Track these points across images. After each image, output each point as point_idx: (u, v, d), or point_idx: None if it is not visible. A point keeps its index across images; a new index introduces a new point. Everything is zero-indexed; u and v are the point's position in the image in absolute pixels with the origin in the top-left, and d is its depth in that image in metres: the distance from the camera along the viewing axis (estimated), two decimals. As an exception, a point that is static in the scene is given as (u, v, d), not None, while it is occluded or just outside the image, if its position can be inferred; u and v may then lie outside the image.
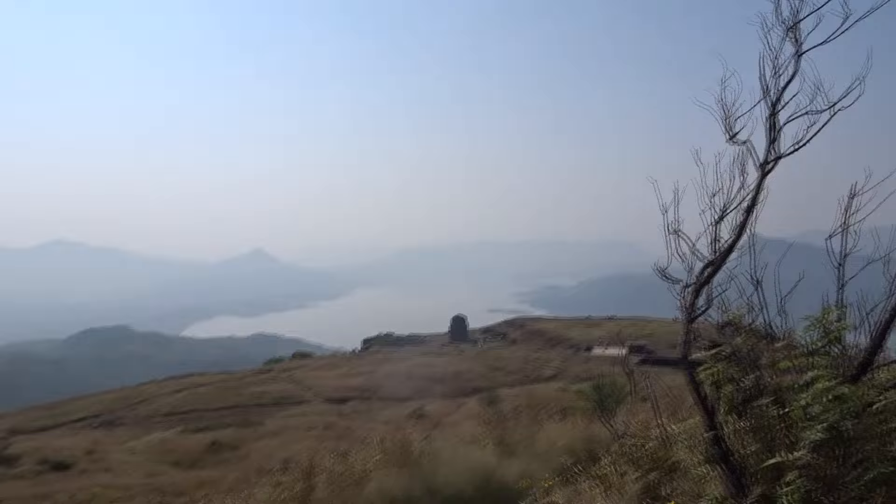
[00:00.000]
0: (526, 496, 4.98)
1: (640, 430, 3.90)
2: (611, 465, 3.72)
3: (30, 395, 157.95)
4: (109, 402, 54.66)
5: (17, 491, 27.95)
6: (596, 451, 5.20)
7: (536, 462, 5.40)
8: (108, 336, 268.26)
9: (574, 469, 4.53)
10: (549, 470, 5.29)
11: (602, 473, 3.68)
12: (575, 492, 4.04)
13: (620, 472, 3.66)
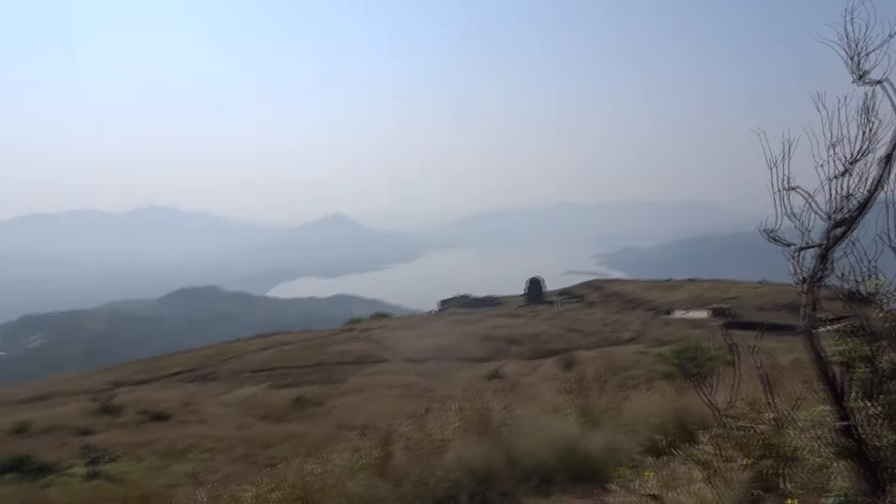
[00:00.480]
0: (612, 471, 4.76)
1: (747, 410, 3.55)
2: (714, 448, 3.41)
3: (129, 350, 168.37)
4: (202, 358, 57.34)
5: (122, 438, 29.81)
6: (688, 426, 4.91)
7: (622, 434, 5.16)
8: (198, 296, 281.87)
9: (667, 447, 4.26)
10: (636, 443, 5.04)
11: (704, 458, 3.37)
12: (670, 475, 3.78)
13: (725, 457, 3.35)
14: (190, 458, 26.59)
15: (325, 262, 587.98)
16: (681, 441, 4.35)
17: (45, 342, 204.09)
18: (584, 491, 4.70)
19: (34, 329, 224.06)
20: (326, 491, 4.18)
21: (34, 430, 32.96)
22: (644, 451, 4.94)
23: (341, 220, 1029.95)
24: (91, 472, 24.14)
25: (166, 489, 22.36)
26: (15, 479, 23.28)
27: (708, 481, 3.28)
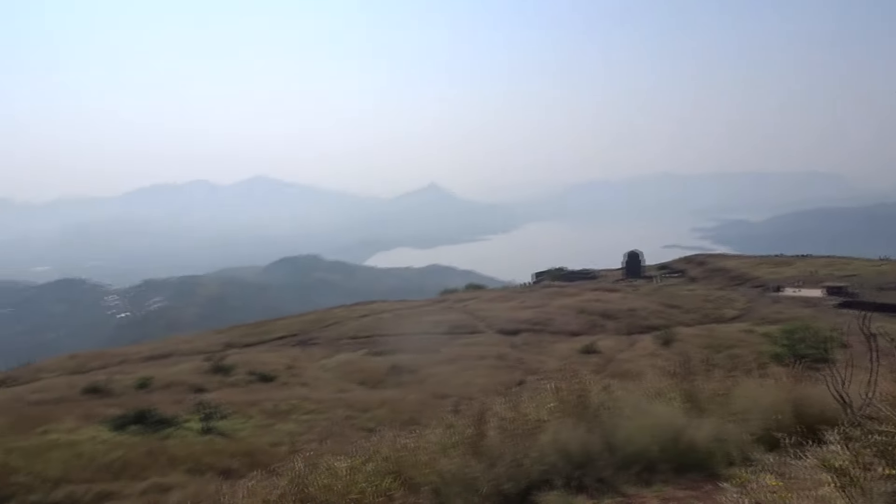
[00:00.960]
0: (720, 463, 4.48)
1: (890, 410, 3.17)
2: (850, 454, 3.06)
3: (238, 314, 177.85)
4: (304, 324, 59.61)
5: (233, 397, 31.51)
6: (808, 420, 4.54)
7: (732, 424, 4.83)
8: (301, 264, 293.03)
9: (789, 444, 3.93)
10: (748, 433, 4.72)
11: (838, 465, 3.03)
12: (793, 476, 3.46)
13: (863, 464, 3.01)
14: (293, 419, 27.74)
15: (421, 233, 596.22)
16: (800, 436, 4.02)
17: (164, 305, 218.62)
18: (690, 483, 4.45)
19: (155, 292, 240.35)
20: (419, 467, 4.16)
21: (155, 385, 35.44)
22: (756, 441, 4.62)
23: (437, 191, 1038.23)
24: (205, 428, 25.65)
25: (271, 447, 23.49)
26: (139, 430, 25.07)
27: (841, 490, 2.94)
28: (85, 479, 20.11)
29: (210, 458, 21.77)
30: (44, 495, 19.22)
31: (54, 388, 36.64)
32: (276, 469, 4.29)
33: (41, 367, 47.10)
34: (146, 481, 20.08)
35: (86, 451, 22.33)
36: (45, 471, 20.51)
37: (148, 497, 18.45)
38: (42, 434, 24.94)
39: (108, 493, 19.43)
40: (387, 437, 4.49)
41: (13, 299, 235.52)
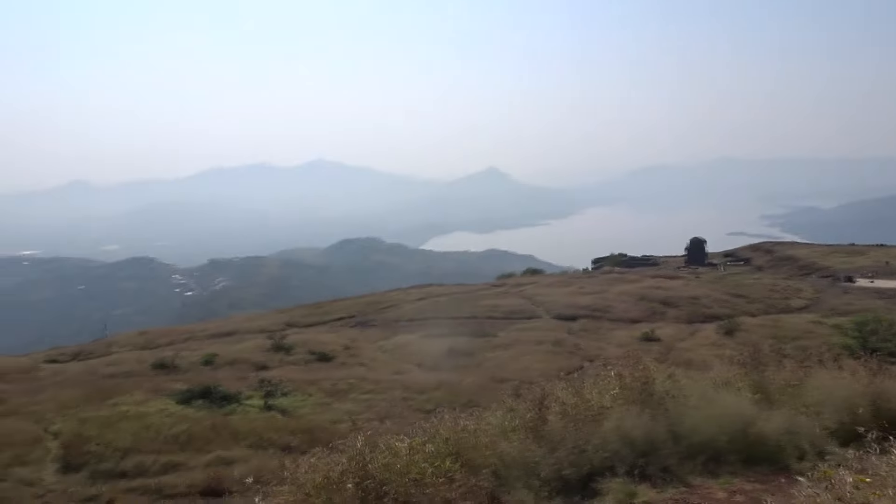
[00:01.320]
0: (789, 456, 4.31)
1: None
2: None
3: (298, 294, 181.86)
4: (362, 305, 60.48)
5: (292, 375, 32.31)
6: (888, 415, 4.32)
7: (804, 416, 4.64)
8: (360, 246, 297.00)
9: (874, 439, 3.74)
10: (821, 427, 4.52)
11: None
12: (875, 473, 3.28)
13: None
14: (351, 398, 28.25)
15: (479, 217, 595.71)
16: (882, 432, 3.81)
17: (228, 284, 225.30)
18: (759, 476, 4.29)
19: (219, 272, 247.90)
20: (479, 449, 4.14)
21: (219, 362, 36.62)
22: (830, 436, 4.42)
23: (496, 175, 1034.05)
24: (266, 405, 26.41)
25: (330, 425, 24.01)
26: (204, 405, 25.98)
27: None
28: (153, 450, 20.97)
29: (271, 434, 22.38)
30: (114, 464, 20.14)
31: (125, 362, 38.30)
32: (336, 446, 4.34)
33: (113, 342, 49.25)
34: (210, 454, 20.80)
35: (153, 423, 23.26)
36: (116, 441, 21.46)
37: (211, 469, 19.12)
38: (113, 406, 26.09)
39: (174, 464, 20.21)
40: (446, 419, 4.48)
41: (86, 277, 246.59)
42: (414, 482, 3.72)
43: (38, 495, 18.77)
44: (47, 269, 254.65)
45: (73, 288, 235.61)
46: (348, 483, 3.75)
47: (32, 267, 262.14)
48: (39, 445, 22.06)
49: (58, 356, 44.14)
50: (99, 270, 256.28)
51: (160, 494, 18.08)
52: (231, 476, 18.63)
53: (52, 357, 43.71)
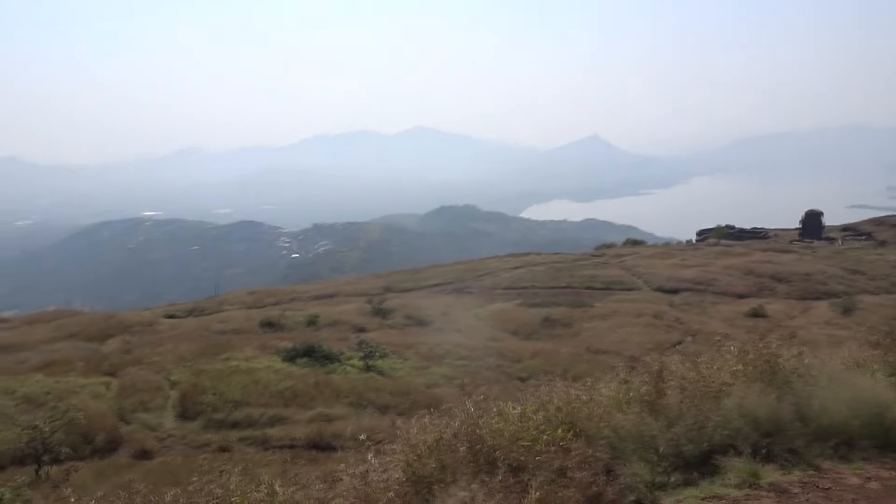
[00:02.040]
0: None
1: None
2: None
3: (397, 259, 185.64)
4: (459, 272, 60.96)
5: (390, 338, 33.14)
6: None
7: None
8: (458, 213, 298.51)
9: None
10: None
11: None
12: None
13: None
14: (447, 363, 28.67)
15: (579, 186, 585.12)
16: None
17: (330, 248, 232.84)
18: (896, 464, 4.00)
19: (322, 236, 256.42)
20: (593, 420, 4.06)
21: (322, 323, 38.06)
22: None
23: (598, 143, 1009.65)
24: (366, 365, 27.23)
25: (427, 388, 24.51)
26: (307, 363, 27.09)
27: None
28: (261, 404, 22.14)
29: (370, 394, 23.12)
30: (226, 415, 21.42)
31: (235, 319, 40.47)
32: (447, 409, 4.37)
33: (224, 301, 52.07)
34: (313, 410, 21.73)
35: (261, 378, 24.52)
36: (227, 393, 22.79)
37: (314, 425, 20.00)
38: (225, 360, 27.65)
39: (280, 418, 21.28)
40: (558, 388, 4.42)
41: (201, 238, 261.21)
42: (525, 449, 3.70)
43: (160, 439, 20.26)
44: (166, 231, 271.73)
45: (188, 248, 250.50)
46: (460, 446, 3.77)
47: (153, 228, 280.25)
48: (160, 393, 23.76)
49: (175, 312, 47.19)
50: (212, 232, 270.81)
51: (267, 445, 19.11)
52: (332, 431, 19.47)
53: (170, 312, 46.78)
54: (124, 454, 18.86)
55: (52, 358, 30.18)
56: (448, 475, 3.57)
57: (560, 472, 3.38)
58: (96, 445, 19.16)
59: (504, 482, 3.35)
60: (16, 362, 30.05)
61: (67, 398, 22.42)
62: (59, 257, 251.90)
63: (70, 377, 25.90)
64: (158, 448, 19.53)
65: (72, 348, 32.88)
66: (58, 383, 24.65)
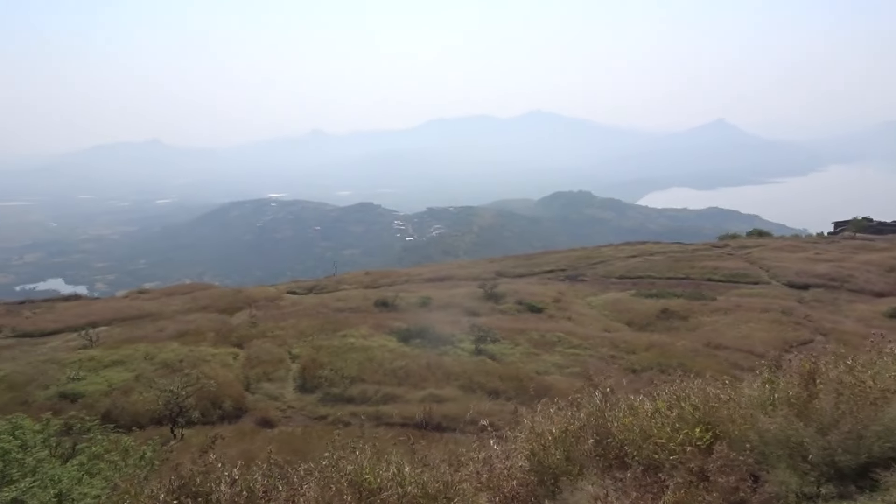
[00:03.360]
0: None
1: None
2: None
3: (509, 244, 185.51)
4: (573, 259, 59.92)
5: (501, 323, 33.13)
6: None
7: None
8: (572, 199, 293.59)
9: None
10: None
11: None
12: None
13: None
14: (558, 351, 28.33)
15: (701, 172, 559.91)
16: None
17: (443, 231, 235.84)
18: None
19: (436, 220, 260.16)
20: (735, 421, 3.80)
21: (434, 305, 38.57)
22: None
23: (725, 128, 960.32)
24: (477, 349, 27.41)
25: (537, 375, 24.33)
26: (419, 344, 27.63)
27: None
28: (375, 381, 22.81)
29: (480, 378, 23.24)
30: (342, 389, 22.22)
31: (352, 298, 41.79)
32: (573, 400, 4.24)
33: (342, 280, 53.89)
34: (424, 391, 22.13)
35: (376, 356, 25.23)
36: (344, 369, 23.63)
37: (425, 405, 20.35)
38: (342, 337, 28.66)
39: (393, 396, 21.82)
40: (694, 385, 4.16)
41: (322, 219, 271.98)
42: (659, 446, 3.51)
43: (281, 409, 21.33)
44: (289, 211, 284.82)
45: (309, 228, 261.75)
46: (588, 438, 3.63)
47: (278, 208, 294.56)
48: (282, 366, 25.00)
49: (296, 288, 49.36)
50: (332, 213, 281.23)
51: (380, 422, 19.66)
52: (442, 412, 19.74)
53: (292, 289, 48.98)
54: (248, 421, 20.00)
55: (186, 328, 32.44)
56: (575, 468, 3.45)
57: (699, 475, 3.17)
58: (224, 411, 20.46)
59: (637, 479, 3.18)
60: (155, 330, 32.53)
61: (199, 366, 24.07)
62: (193, 234, 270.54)
63: (202, 346, 27.78)
64: (280, 418, 20.56)
65: (204, 320, 35.14)
66: (191, 352, 26.50)
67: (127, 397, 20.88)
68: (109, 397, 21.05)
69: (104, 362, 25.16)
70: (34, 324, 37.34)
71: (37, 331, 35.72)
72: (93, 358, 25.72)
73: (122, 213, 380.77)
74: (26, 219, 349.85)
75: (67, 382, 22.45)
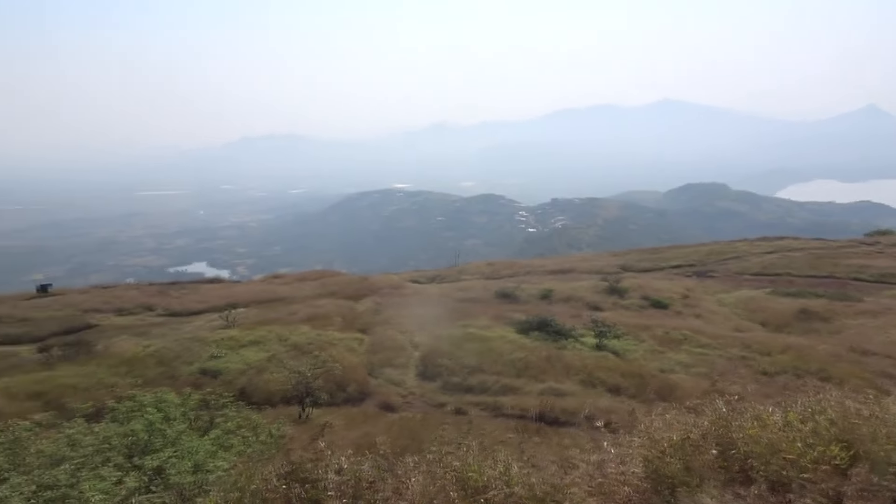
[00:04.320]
0: None
1: None
2: None
3: (634, 238, 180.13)
4: (703, 254, 57.31)
5: (624, 319, 32.26)
6: None
7: None
8: (703, 191, 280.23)
9: None
10: None
11: None
12: None
13: None
14: (684, 350, 27.17)
15: (848, 163, 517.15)
16: None
17: (566, 223, 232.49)
18: None
19: (559, 211, 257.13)
20: (878, 440, 3.45)
21: (555, 297, 38.17)
22: None
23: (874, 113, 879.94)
24: (598, 344, 26.84)
25: (661, 373, 23.47)
26: (539, 336, 27.43)
27: None
28: (494, 372, 22.87)
29: (601, 374, 22.72)
30: (462, 379, 22.47)
31: (472, 289, 42.17)
32: (694, 406, 4.02)
33: (463, 270, 54.52)
34: (543, 384, 21.94)
35: (496, 347, 25.30)
36: (464, 359, 23.89)
37: (544, 398, 20.16)
38: (463, 327, 28.99)
39: (512, 387, 21.79)
40: (831, 397, 3.83)
41: (446, 209, 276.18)
42: (788, 463, 3.25)
43: (402, 395, 21.89)
44: (414, 202, 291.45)
45: (433, 218, 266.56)
46: (709, 448, 3.43)
47: (403, 199, 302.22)
48: (404, 353, 25.66)
49: (419, 278, 50.50)
50: (455, 204, 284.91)
51: (498, 413, 19.71)
52: (560, 406, 19.48)
53: (415, 278, 50.15)
54: (371, 405, 20.68)
55: (316, 312, 34.03)
56: (694, 479, 3.27)
57: (833, 498, 2.91)
58: (349, 394, 21.28)
59: (762, 497, 2.97)
60: (288, 313, 34.36)
61: (327, 349, 25.18)
62: (324, 222, 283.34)
63: (329, 331, 29.03)
64: (400, 403, 21.11)
65: (332, 305, 36.71)
66: (320, 335, 27.77)
67: (261, 376, 22.19)
68: (245, 375, 22.46)
69: (242, 342, 26.91)
70: (181, 304, 40.69)
71: (183, 310, 38.91)
72: (231, 338, 27.60)
73: (259, 202, 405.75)
74: (177, 207, 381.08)
75: (209, 360, 24.19)
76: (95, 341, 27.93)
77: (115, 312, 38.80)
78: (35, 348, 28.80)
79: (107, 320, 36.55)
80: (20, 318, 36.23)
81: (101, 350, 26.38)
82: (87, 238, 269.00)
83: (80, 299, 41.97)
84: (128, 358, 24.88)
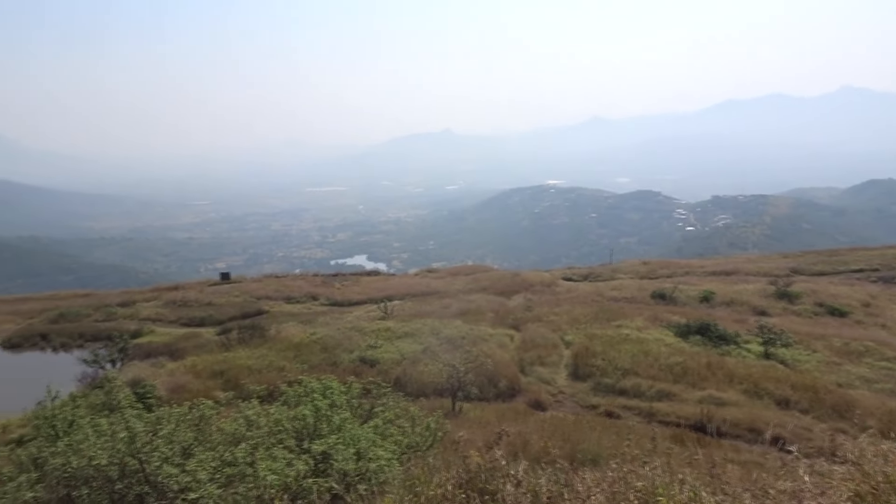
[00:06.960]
0: None
1: None
2: None
3: (807, 238, 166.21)
4: (890, 258, 51.64)
5: (795, 326, 29.90)
6: None
7: None
8: (890, 188, 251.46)
9: None
10: None
11: None
12: None
13: None
14: (866, 363, 24.74)
15: None
16: None
17: (729, 222, 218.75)
18: None
19: (721, 209, 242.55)
20: None
21: (717, 301, 36.13)
22: None
23: None
24: (765, 352, 25.09)
25: (838, 387, 21.48)
26: (699, 341, 26.13)
27: None
28: (649, 376, 22.05)
29: (768, 384, 21.23)
30: (615, 381, 21.89)
31: (627, 288, 40.88)
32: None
33: (617, 269, 52.98)
34: (703, 391, 20.84)
35: (651, 350, 24.39)
36: (617, 360, 23.26)
37: (703, 406, 19.13)
38: (617, 328, 28.24)
39: (668, 393, 20.90)
40: None
41: (598, 206, 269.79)
42: None
43: (552, 394, 21.72)
44: (566, 198, 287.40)
45: (585, 215, 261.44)
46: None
47: (555, 195, 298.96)
48: (555, 351, 25.44)
49: (571, 275, 49.76)
50: (609, 201, 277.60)
51: (652, 419, 18.98)
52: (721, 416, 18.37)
53: (567, 275, 49.48)
54: (521, 402, 20.71)
55: (468, 307, 34.64)
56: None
57: None
58: (499, 390, 21.47)
59: None
60: (441, 307, 35.27)
61: (479, 344, 25.55)
62: (477, 218, 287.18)
63: (481, 326, 29.44)
64: (551, 402, 20.96)
65: (484, 300, 37.18)
66: (472, 330, 28.24)
67: (415, 367, 22.97)
68: (400, 366, 23.35)
69: (397, 333, 28.02)
70: (343, 294, 43.08)
71: (345, 300, 41.18)
72: (388, 329, 28.81)
73: (416, 198, 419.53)
74: (340, 202, 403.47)
75: (367, 349, 25.41)
76: (267, 326, 30.30)
77: (285, 300, 41.86)
78: (216, 330, 31.78)
79: (277, 307, 39.54)
80: (205, 302, 40.21)
81: (272, 335, 28.57)
82: (262, 231, 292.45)
83: (254, 287, 45.71)
84: (295, 343, 26.77)
